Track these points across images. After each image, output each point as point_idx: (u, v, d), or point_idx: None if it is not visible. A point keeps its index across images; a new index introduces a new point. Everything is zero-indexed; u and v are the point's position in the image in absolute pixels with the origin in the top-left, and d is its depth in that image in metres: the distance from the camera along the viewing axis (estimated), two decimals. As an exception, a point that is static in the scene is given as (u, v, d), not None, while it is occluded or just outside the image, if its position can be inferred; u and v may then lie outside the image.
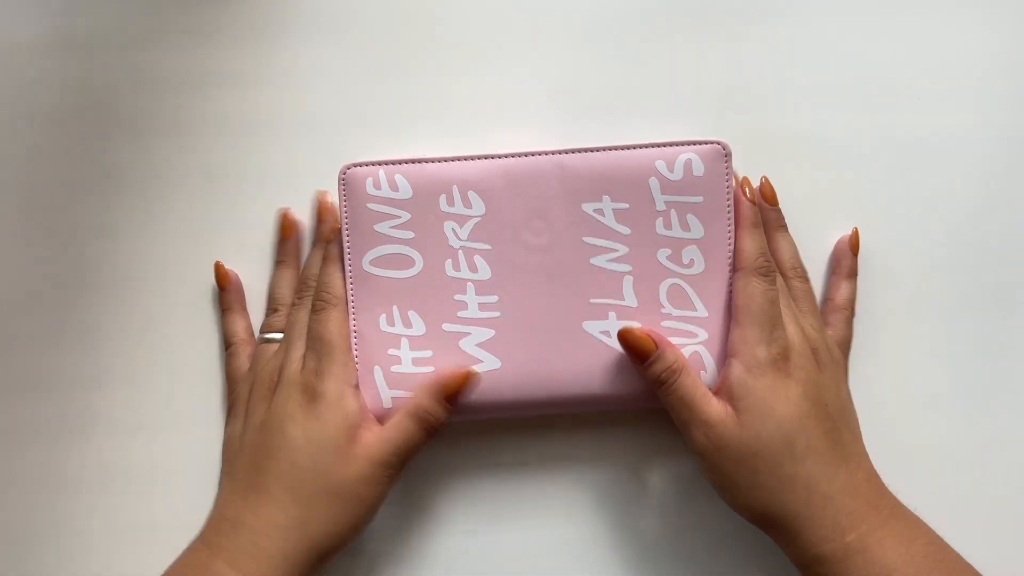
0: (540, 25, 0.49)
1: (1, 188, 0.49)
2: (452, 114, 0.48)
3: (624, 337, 0.42)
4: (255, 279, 0.48)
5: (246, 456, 0.42)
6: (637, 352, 0.42)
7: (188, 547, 0.41)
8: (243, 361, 0.46)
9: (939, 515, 0.45)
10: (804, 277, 0.45)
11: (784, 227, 0.46)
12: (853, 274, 0.46)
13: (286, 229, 0.47)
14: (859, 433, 0.43)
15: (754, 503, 0.40)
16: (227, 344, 0.47)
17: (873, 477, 0.41)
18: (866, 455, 0.42)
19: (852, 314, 0.46)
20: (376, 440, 0.41)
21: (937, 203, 0.47)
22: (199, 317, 0.48)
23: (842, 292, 0.46)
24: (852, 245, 0.46)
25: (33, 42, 0.49)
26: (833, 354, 0.43)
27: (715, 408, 0.40)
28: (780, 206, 0.46)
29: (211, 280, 0.48)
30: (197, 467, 0.47)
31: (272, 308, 0.47)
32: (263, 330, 0.46)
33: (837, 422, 0.41)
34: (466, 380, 0.43)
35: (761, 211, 0.45)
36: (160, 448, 0.48)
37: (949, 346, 0.47)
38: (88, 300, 0.48)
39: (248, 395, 0.44)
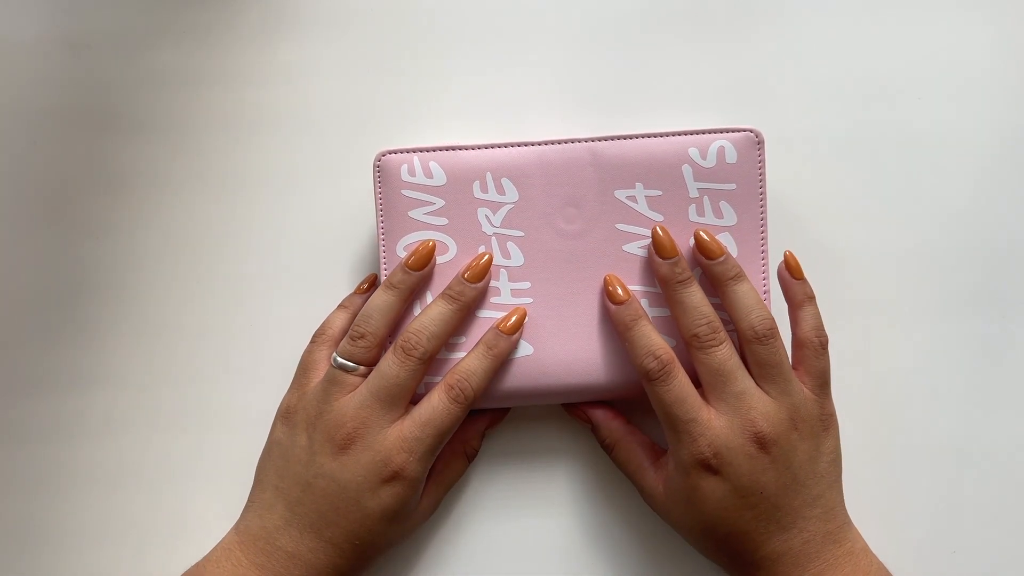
0: (545, 24, 0.49)
1: (1, 187, 0.49)
2: (456, 112, 0.48)
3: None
4: (256, 278, 0.48)
5: (313, 499, 0.40)
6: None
7: (224, 558, 0.41)
8: (321, 359, 0.44)
9: (936, 515, 0.46)
10: (764, 336, 0.40)
11: (735, 278, 0.42)
12: (808, 299, 0.42)
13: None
14: (820, 492, 0.40)
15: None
16: (318, 331, 0.45)
17: (813, 540, 0.39)
18: (816, 516, 0.40)
19: (821, 343, 0.41)
20: (441, 492, 0.45)
21: (936, 203, 0.47)
22: (199, 316, 0.48)
23: (802, 325, 0.42)
24: (791, 270, 0.42)
25: (33, 42, 0.49)
26: (801, 413, 0.40)
27: (649, 481, 0.43)
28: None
29: (212, 279, 0.48)
30: (198, 466, 0.47)
31: (359, 333, 0.42)
32: (344, 355, 0.42)
33: (778, 499, 0.39)
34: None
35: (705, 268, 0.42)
36: (161, 448, 0.48)
37: (947, 345, 0.47)
38: (88, 300, 0.48)
39: (313, 416, 0.42)
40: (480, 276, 0.43)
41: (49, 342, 0.48)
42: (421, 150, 0.44)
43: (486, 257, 0.43)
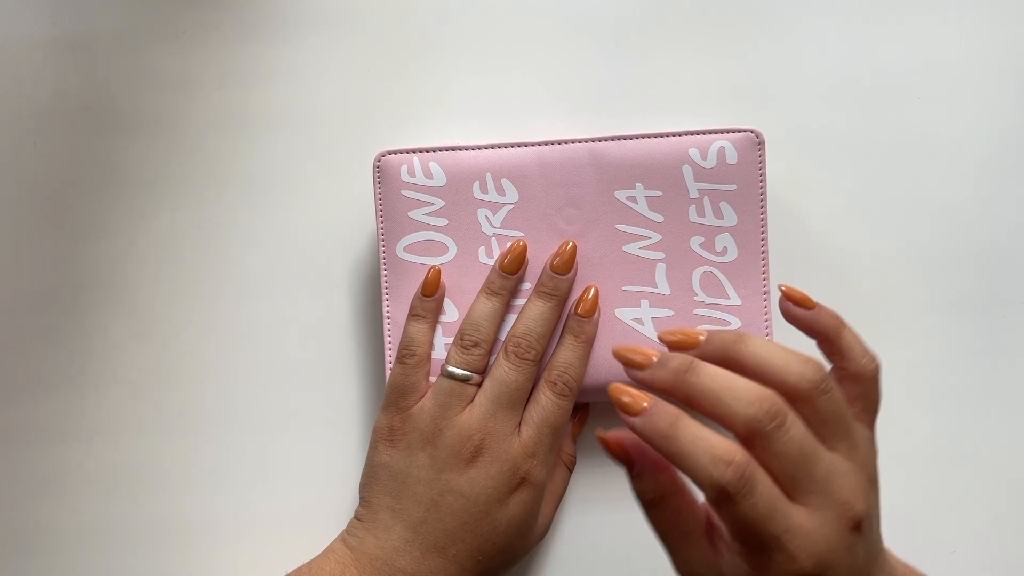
0: (546, 24, 0.48)
1: (1, 188, 0.49)
2: (456, 113, 0.48)
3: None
4: (256, 279, 0.48)
5: (438, 517, 0.40)
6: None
7: (339, 572, 0.40)
8: (420, 380, 0.42)
9: (934, 515, 0.46)
10: (820, 381, 0.31)
11: (738, 340, 0.33)
12: (842, 323, 0.35)
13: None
14: (878, 535, 0.34)
15: None
16: (406, 352, 0.43)
17: None
18: (879, 566, 0.33)
19: (878, 367, 0.34)
20: (552, 506, 0.44)
21: (936, 203, 0.47)
22: (199, 316, 0.48)
23: (850, 355, 0.34)
24: (799, 301, 0.35)
25: (33, 42, 0.49)
26: (872, 460, 0.33)
27: (699, 554, 0.33)
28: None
29: (212, 280, 0.48)
30: (199, 467, 0.47)
31: (472, 342, 0.42)
32: (460, 365, 0.42)
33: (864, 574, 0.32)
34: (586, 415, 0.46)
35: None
36: (161, 449, 0.47)
37: (948, 345, 0.47)
38: (88, 300, 0.48)
39: (431, 433, 0.41)
40: (568, 266, 0.43)
41: (49, 342, 0.48)
42: (421, 150, 0.44)
43: (570, 245, 0.43)
